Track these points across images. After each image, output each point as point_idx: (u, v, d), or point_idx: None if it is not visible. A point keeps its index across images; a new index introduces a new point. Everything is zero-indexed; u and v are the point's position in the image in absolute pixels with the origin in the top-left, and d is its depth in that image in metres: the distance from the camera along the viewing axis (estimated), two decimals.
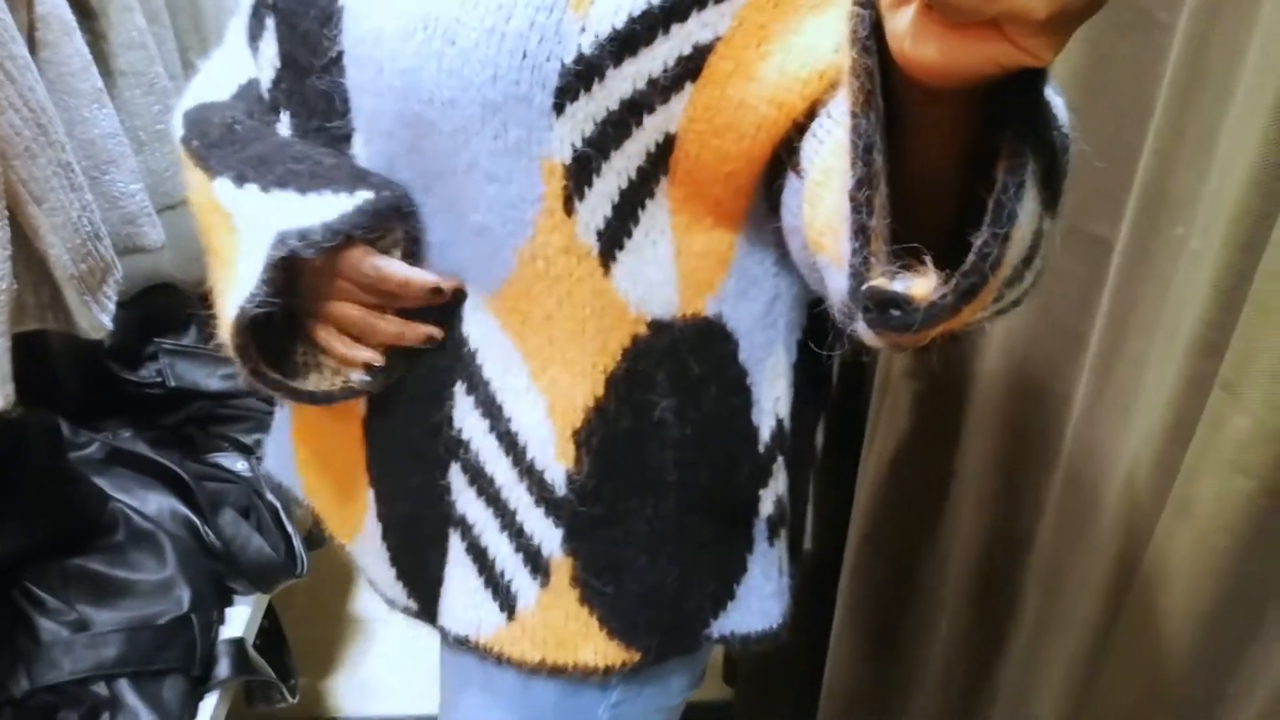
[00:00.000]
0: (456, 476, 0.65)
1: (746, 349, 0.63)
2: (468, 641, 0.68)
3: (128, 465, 1.19)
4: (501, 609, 0.66)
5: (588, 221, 0.57)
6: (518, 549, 0.65)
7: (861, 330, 0.47)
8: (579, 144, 0.54)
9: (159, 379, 1.32)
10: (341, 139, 0.61)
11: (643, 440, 0.62)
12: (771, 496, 0.68)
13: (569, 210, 0.56)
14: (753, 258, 0.62)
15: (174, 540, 1.12)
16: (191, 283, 1.72)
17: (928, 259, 0.40)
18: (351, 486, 0.70)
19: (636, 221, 0.58)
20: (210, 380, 1.33)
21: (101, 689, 0.98)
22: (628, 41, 0.52)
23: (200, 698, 1.06)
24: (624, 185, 0.56)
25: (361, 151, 0.61)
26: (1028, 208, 0.40)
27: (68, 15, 0.94)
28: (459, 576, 0.67)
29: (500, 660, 0.67)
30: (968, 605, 0.99)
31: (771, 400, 0.66)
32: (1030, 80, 0.37)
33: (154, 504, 1.15)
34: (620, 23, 0.52)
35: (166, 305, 1.43)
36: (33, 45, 0.91)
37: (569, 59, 0.52)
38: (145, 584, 1.08)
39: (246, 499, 1.23)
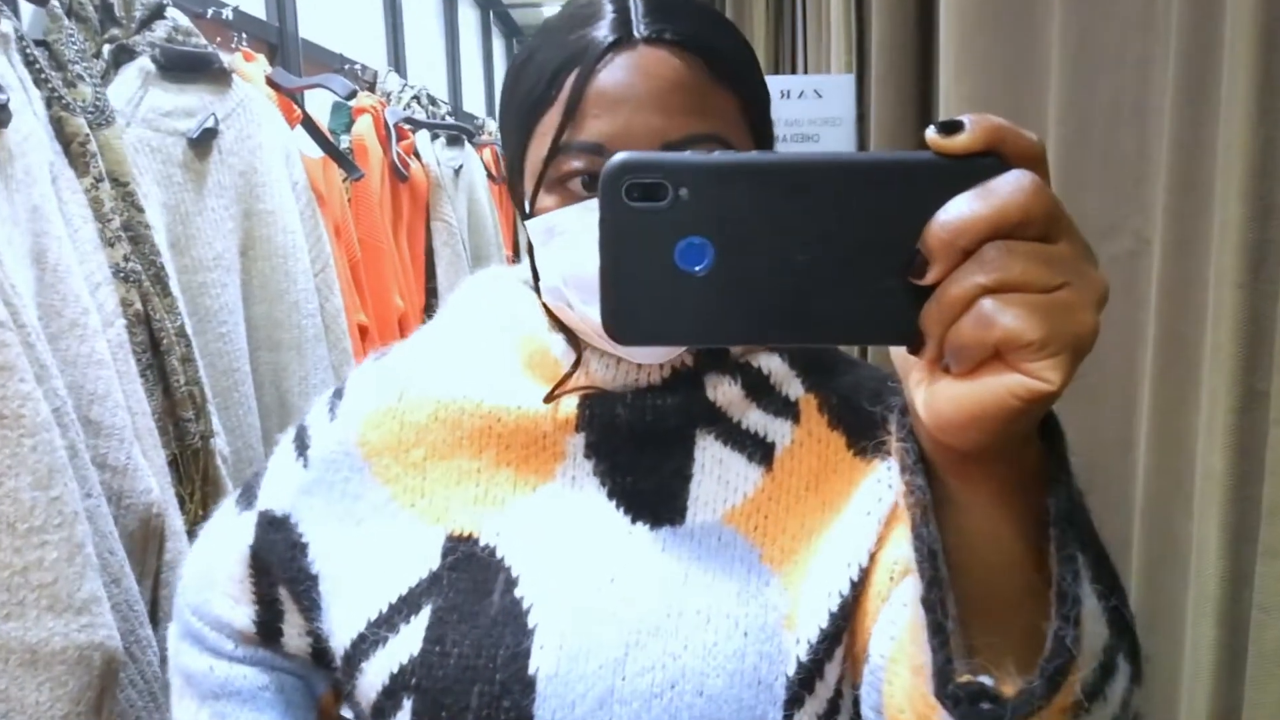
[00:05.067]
0: None
1: None
2: None
3: None
4: None
5: None
6: None
7: None
8: None
9: None
10: None
11: None
12: None
13: None
14: None
15: None
16: None
17: (1008, 663, 0.40)
18: None
19: None
20: None
21: None
22: (836, 637, 0.58)
23: None
24: None
25: None
26: (1090, 602, 0.40)
27: None
28: None
29: None
30: None
31: None
32: (1055, 442, 0.39)
33: None
34: (825, 622, 0.58)
35: None
36: None
37: (790, 672, 0.58)
38: None
39: None
